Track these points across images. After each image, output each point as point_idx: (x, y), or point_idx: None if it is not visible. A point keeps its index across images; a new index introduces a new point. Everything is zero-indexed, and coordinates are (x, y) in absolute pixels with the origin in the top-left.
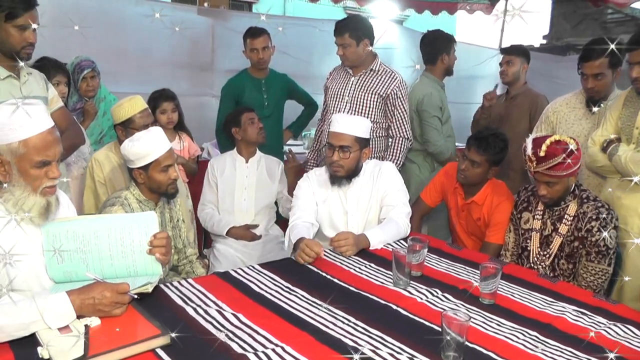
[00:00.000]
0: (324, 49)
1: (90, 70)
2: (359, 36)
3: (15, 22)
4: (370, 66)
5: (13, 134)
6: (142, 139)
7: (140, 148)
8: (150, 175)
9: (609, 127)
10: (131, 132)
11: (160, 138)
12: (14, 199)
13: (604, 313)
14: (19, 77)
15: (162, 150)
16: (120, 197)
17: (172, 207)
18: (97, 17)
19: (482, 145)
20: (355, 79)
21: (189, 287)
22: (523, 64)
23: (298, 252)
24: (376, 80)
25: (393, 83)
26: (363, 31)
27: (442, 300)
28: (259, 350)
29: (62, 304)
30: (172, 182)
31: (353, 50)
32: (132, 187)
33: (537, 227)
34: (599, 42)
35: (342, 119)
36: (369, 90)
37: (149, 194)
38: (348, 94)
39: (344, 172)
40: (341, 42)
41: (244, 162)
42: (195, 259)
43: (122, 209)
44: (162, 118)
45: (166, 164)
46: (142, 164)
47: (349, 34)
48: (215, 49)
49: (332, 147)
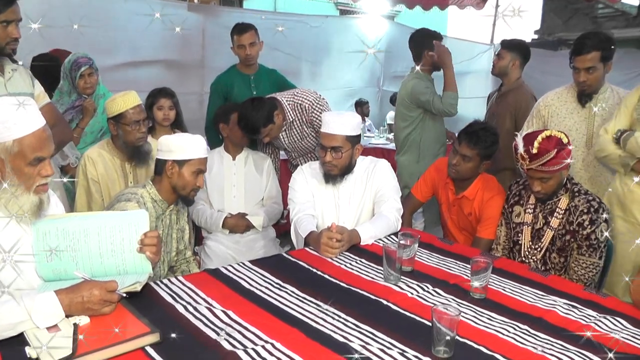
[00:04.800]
0: (315, 45)
1: (88, 67)
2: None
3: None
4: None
5: (7, 132)
6: (188, 135)
7: (184, 141)
8: (182, 173)
9: (622, 119)
10: (122, 127)
11: (203, 144)
12: (7, 197)
13: (595, 306)
14: (3, 73)
15: (202, 154)
16: (136, 194)
17: (181, 210)
18: (87, 14)
19: (472, 139)
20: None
21: (179, 284)
22: (514, 59)
23: (322, 248)
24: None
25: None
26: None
27: (432, 295)
28: (248, 347)
29: (50, 304)
30: (197, 188)
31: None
32: (148, 185)
33: (528, 221)
34: (591, 36)
35: (332, 119)
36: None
37: (166, 194)
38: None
39: (337, 171)
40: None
41: (231, 159)
42: (193, 259)
43: (138, 207)
44: (159, 114)
45: (201, 168)
46: (180, 157)
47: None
48: (206, 46)
49: (324, 148)
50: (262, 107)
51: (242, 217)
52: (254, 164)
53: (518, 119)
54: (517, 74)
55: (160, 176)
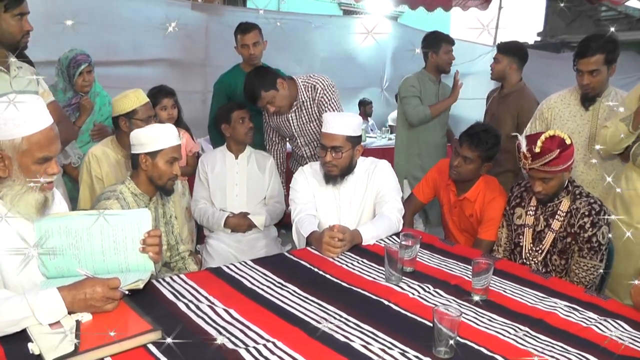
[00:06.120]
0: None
1: (87, 64)
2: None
3: (15, 10)
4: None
5: (17, 129)
6: (157, 126)
7: (153, 132)
8: (156, 163)
9: (625, 115)
10: (135, 123)
11: (173, 131)
12: (12, 194)
13: (595, 308)
14: (8, 71)
15: (173, 142)
16: (115, 191)
17: (165, 202)
18: (90, 12)
19: (474, 141)
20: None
21: (181, 282)
22: (511, 63)
23: (324, 247)
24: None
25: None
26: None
27: (434, 295)
28: (250, 345)
29: (53, 300)
30: (173, 176)
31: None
32: (127, 181)
33: (529, 223)
34: (595, 39)
35: (333, 119)
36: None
37: (145, 187)
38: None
39: (337, 171)
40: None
41: (233, 158)
42: (188, 255)
43: (117, 203)
44: (163, 114)
45: (173, 155)
46: (150, 149)
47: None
48: (209, 45)
49: (325, 148)
50: (265, 73)
51: (244, 216)
52: (257, 163)
53: (520, 122)
54: (517, 77)
55: (136, 170)
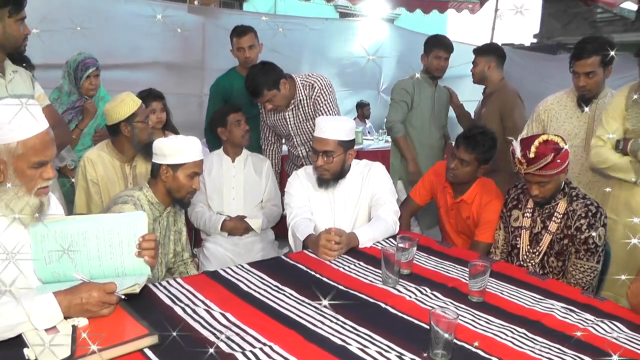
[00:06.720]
0: (315, 47)
1: (95, 68)
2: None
3: (17, 15)
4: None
5: (12, 134)
6: (182, 138)
7: (178, 144)
8: (177, 176)
9: (612, 124)
10: (137, 125)
11: (198, 145)
12: (7, 199)
13: (592, 310)
14: (4, 75)
15: (196, 157)
16: (133, 197)
17: (177, 211)
18: (87, 15)
19: (470, 144)
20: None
21: (178, 286)
22: (489, 62)
23: (321, 250)
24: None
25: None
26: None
27: (431, 298)
28: (247, 349)
29: (49, 305)
30: (192, 190)
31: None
32: (145, 188)
33: (526, 225)
34: (591, 41)
35: (325, 124)
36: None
37: (162, 197)
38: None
39: (329, 175)
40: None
41: (230, 161)
42: (190, 261)
43: (134, 209)
44: (152, 118)
45: (196, 170)
46: (173, 161)
47: None
48: (206, 48)
49: (317, 152)
50: (270, 71)
51: (240, 219)
52: (253, 166)
53: (504, 118)
54: (498, 75)
55: (155, 179)
